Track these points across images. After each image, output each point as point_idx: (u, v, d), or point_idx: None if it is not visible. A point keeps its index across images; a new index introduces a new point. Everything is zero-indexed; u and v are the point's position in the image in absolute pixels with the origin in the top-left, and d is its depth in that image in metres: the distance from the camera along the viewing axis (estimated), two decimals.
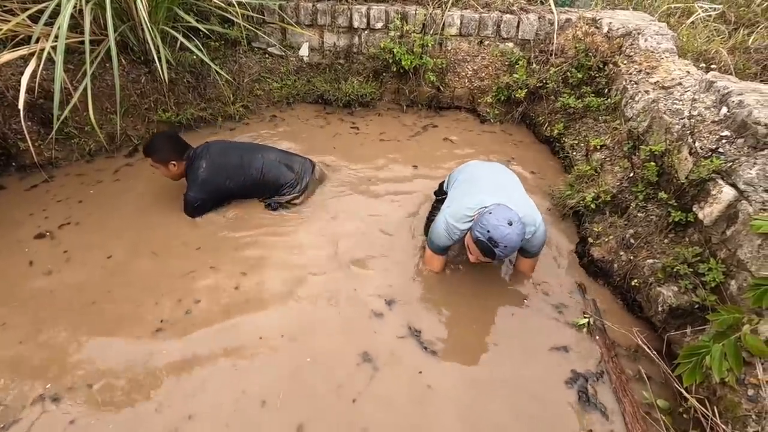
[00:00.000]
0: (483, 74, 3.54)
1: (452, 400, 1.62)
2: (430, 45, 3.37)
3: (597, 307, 1.97)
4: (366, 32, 3.57)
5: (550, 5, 3.42)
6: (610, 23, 3.04)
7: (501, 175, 2.07)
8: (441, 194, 2.30)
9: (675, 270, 1.73)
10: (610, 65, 2.89)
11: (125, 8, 2.71)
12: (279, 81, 3.63)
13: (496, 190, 1.88)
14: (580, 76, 2.96)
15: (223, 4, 2.99)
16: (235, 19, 3.04)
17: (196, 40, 2.95)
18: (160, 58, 2.57)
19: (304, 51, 3.71)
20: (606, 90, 2.89)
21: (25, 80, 2.19)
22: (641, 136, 2.26)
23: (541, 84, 3.17)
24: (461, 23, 3.44)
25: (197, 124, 3.23)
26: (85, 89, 2.34)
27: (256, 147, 2.62)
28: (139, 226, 2.37)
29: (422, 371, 1.71)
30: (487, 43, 3.53)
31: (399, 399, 1.61)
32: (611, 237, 2.06)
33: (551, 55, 3.24)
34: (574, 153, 2.77)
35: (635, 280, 1.88)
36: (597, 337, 1.85)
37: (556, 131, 2.98)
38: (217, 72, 3.03)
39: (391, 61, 3.40)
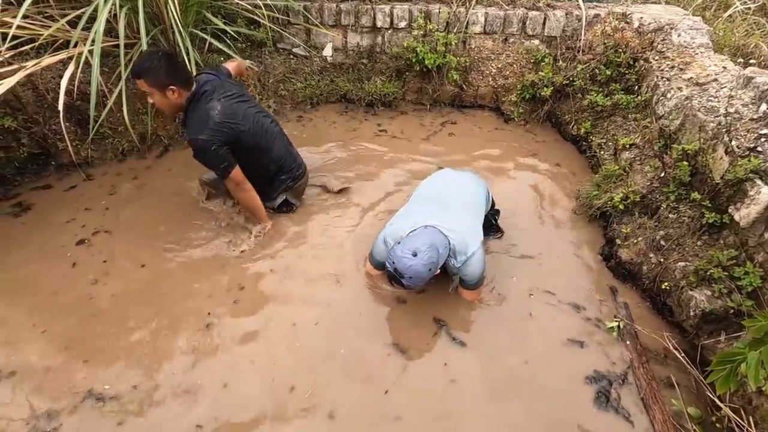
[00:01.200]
0: (507, 72, 3.49)
1: (474, 393, 1.62)
2: (453, 44, 3.35)
3: (629, 311, 1.91)
4: (389, 32, 3.57)
5: (578, 1, 3.34)
6: (641, 18, 2.95)
7: (454, 191, 1.96)
8: None
9: (708, 273, 1.67)
10: (641, 61, 2.80)
11: (156, 13, 2.79)
12: (303, 81, 3.67)
13: (436, 211, 1.82)
14: (608, 73, 2.88)
15: (249, 7, 3.05)
16: (261, 21, 3.10)
17: (225, 40, 3.02)
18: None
19: (327, 51, 3.74)
20: (636, 87, 2.80)
21: (64, 83, 2.29)
22: (673, 135, 2.19)
23: (567, 82, 3.10)
24: (486, 21, 3.41)
25: None
26: (120, 91, 2.44)
27: (269, 115, 2.39)
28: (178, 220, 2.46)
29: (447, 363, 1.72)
30: (512, 40, 3.48)
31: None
32: (640, 239, 2.00)
33: (578, 51, 3.17)
34: (602, 152, 2.70)
35: (666, 284, 1.82)
36: (627, 342, 1.80)
37: (583, 130, 2.91)
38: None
39: (414, 60, 3.39)
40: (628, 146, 2.49)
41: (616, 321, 1.86)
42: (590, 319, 1.90)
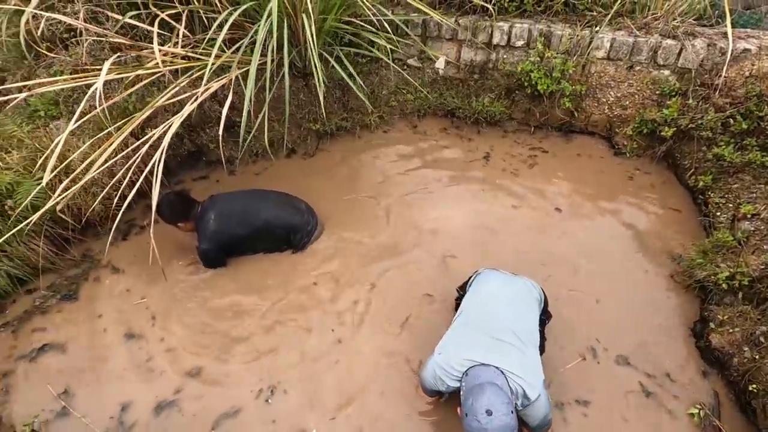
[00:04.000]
0: (627, 102, 3.31)
1: None
2: (570, 70, 3.26)
3: (718, 401, 1.91)
4: (505, 49, 3.56)
5: (725, 28, 3.00)
6: None
7: (509, 316, 1.85)
8: (463, 290, 2.19)
9: None
10: None
11: (290, 37, 3.16)
12: (413, 93, 3.85)
13: (492, 346, 1.71)
14: (745, 126, 2.63)
15: (373, 29, 3.27)
16: (380, 41, 3.31)
17: (347, 50, 3.30)
18: (318, 78, 2.98)
19: (440, 64, 3.85)
20: None
21: (227, 106, 2.74)
22: None
23: (694, 125, 2.88)
24: (611, 46, 3.23)
25: (339, 132, 3.66)
26: (264, 106, 2.85)
27: (257, 194, 2.72)
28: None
29: None
30: (638, 68, 3.26)
31: None
32: (737, 329, 1.94)
33: (715, 91, 2.90)
34: (719, 214, 2.54)
35: (754, 385, 1.79)
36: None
37: (701, 183, 2.73)
38: (360, 86, 3.38)
39: (526, 83, 3.37)
40: (749, 216, 2.32)
41: (698, 408, 1.88)
42: (668, 394, 1.95)
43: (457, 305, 2.25)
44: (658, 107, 3.12)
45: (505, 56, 3.57)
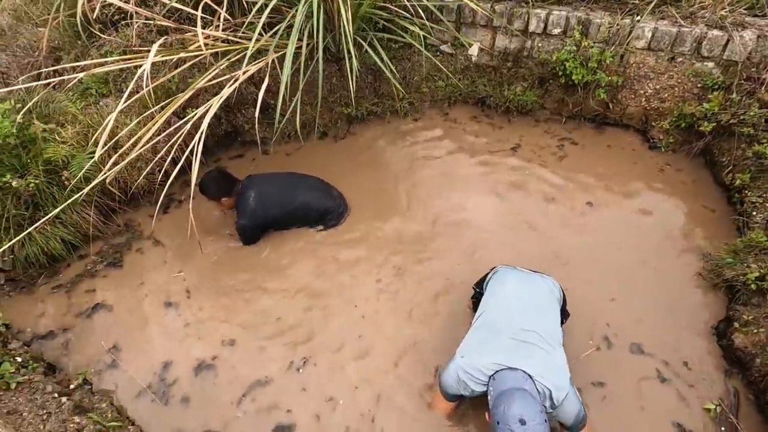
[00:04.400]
0: (665, 95, 3.22)
1: None
2: (607, 60, 3.18)
3: (738, 400, 1.91)
4: (540, 37, 3.50)
5: None
6: None
7: (532, 317, 1.81)
8: (479, 287, 2.17)
9: None
10: None
11: (326, 22, 3.21)
12: (445, 79, 3.85)
13: (517, 348, 1.68)
14: None
15: (407, 15, 3.29)
16: (413, 28, 3.32)
17: (381, 35, 3.33)
18: (351, 64, 3.03)
19: (473, 51, 3.82)
20: None
21: (263, 88, 2.85)
22: None
23: (736, 121, 2.78)
24: (652, 36, 3.12)
25: (369, 117, 3.72)
26: (298, 89, 2.94)
27: (294, 177, 2.86)
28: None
29: None
30: (680, 60, 3.15)
31: None
32: (762, 330, 1.92)
33: (761, 85, 2.78)
34: (755, 213, 2.47)
35: None
36: (723, 429, 1.85)
37: (738, 181, 2.65)
38: (392, 72, 3.41)
39: (560, 73, 3.32)
40: None
41: (715, 404, 1.90)
42: (684, 387, 1.98)
43: (474, 303, 2.29)
44: (699, 101, 3.03)
45: (540, 44, 3.51)
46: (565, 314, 2.02)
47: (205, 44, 2.66)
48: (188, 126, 2.46)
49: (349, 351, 2.24)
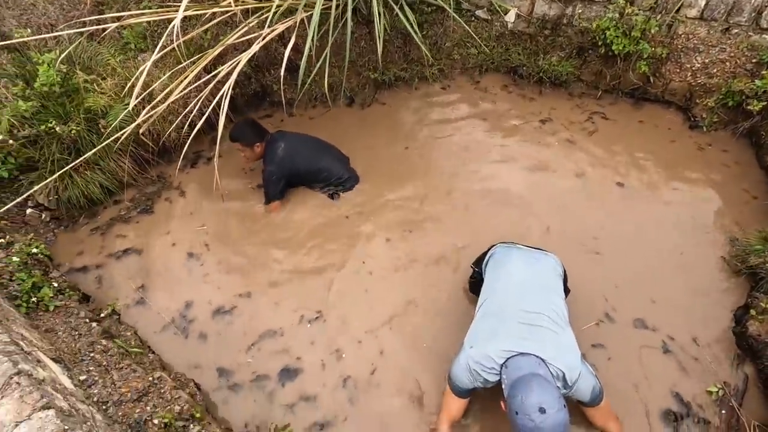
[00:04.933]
0: (714, 70, 2.99)
1: None
2: (652, 29, 2.97)
3: (746, 386, 1.87)
4: (583, 3, 3.30)
5: None
6: None
7: (538, 300, 1.74)
8: (478, 266, 2.10)
9: None
10: None
11: None
12: (478, 47, 3.73)
13: (527, 333, 1.62)
14: None
15: None
16: None
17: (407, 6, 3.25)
18: (379, 25, 2.99)
19: (510, 17, 3.66)
20: None
21: (289, 46, 2.87)
22: None
23: None
24: (706, 5, 2.89)
25: (397, 83, 3.68)
26: (325, 50, 2.95)
27: (323, 144, 2.95)
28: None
29: None
30: (735, 32, 2.90)
31: None
32: None
33: None
34: None
35: None
36: (723, 412, 1.81)
37: None
38: (422, 38, 3.33)
39: (600, 42, 3.14)
40: None
41: (718, 387, 1.86)
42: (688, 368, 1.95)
43: (471, 283, 2.24)
44: (751, 77, 2.80)
45: (581, 11, 3.31)
46: (566, 291, 1.98)
47: (236, 0, 2.70)
48: (215, 81, 2.53)
49: (356, 306, 2.32)
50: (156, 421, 1.57)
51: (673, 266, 2.31)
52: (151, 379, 1.78)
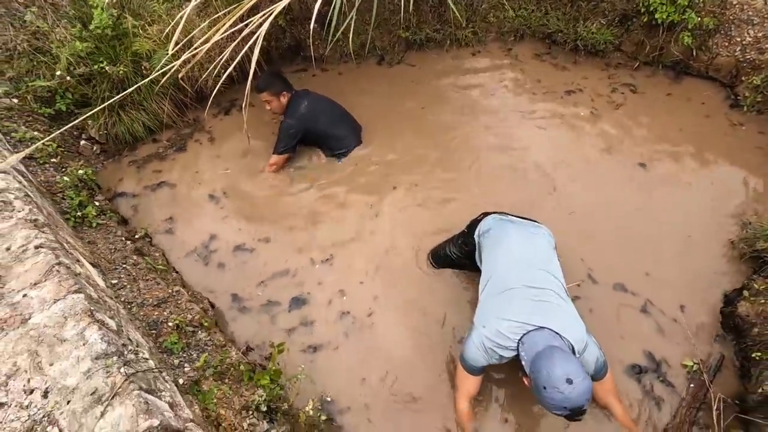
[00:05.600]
0: (767, 45, 2.78)
1: None
2: None
3: (721, 363, 1.89)
4: None
5: None
6: None
7: (541, 275, 1.77)
8: (471, 231, 2.09)
9: None
10: None
11: None
12: (515, 9, 3.62)
13: (538, 308, 1.65)
14: None
15: None
16: None
17: None
18: None
19: None
20: None
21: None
22: None
23: None
24: None
25: (428, 44, 3.67)
26: (355, 6, 3.01)
27: (345, 112, 3.02)
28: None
29: None
30: None
31: None
32: None
33: None
34: None
35: (759, 353, 1.72)
36: (691, 385, 1.86)
37: None
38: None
39: (643, 9, 2.99)
40: None
41: (695, 363, 1.89)
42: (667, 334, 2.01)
43: (461, 243, 2.19)
44: None
45: None
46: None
47: None
48: (250, 29, 2.67)
49: (363, 248, 2.50)
50: (170, 324, 1.83)
51: (678, 245, 2.29)
52: (171, 291, 2.04)
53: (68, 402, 1.17)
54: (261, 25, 2.72)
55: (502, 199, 2.54)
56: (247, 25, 2.72)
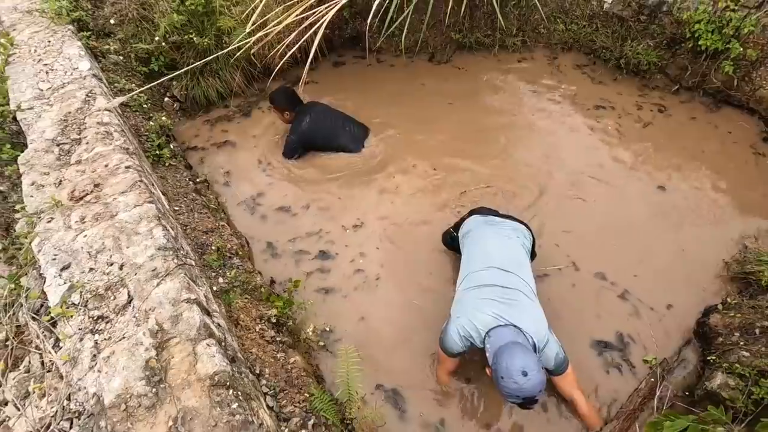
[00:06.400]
0: None
1: None
2: (748, 28, 2.83)
3: (679, 365, 2.02)
4: None
5: None
6: None
7: (515, 276, 1.96)
8: (456, 230, 2.35)
9: (748, 373, 1.68)
10: None
11: None
12: (566, 23, 3.78)
13: (507, 307, 1.83)
14: None
15: None
16: None
17: None
18: None
19: None
20: None
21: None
22: None
23: None
24: None
25: (477, 48, 3.92)
26: (410, 6, 3.34)
27: (347, 121, 3.22)
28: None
29: None
30: None
31: None
32: (739, 316, 1.93)
33: None
34: None
35: (713, 357, 1.86)
36: (652, 379, 2.02)
37: None
38: (498, 12, 3.52)
39: (688, 35, 3.06)
40: None
41: (655, 360, 2.05)
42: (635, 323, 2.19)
43: (450, 238, 2.47)
44: None
45: (686, 2, 3.21)
46: (533, 255, 2.23)
47: None
48: (316, 16, 3.08)
49: (383, 212, 2.84)
50: (213, 247, 2.27)
51: (671, 257, 2.42)
52: (217, 224, 2.49)
53: (135, 273, 1.61)
54: (325, 14, 3.12)
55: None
56: (314, 14, 3.13)
